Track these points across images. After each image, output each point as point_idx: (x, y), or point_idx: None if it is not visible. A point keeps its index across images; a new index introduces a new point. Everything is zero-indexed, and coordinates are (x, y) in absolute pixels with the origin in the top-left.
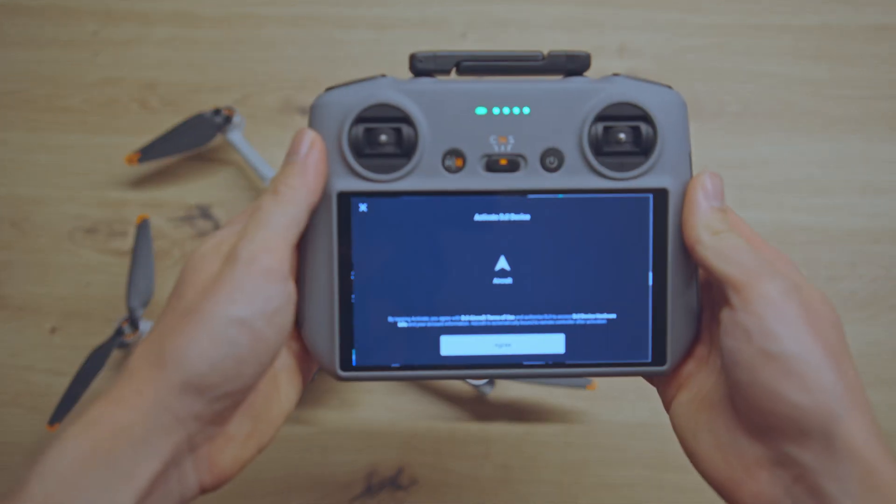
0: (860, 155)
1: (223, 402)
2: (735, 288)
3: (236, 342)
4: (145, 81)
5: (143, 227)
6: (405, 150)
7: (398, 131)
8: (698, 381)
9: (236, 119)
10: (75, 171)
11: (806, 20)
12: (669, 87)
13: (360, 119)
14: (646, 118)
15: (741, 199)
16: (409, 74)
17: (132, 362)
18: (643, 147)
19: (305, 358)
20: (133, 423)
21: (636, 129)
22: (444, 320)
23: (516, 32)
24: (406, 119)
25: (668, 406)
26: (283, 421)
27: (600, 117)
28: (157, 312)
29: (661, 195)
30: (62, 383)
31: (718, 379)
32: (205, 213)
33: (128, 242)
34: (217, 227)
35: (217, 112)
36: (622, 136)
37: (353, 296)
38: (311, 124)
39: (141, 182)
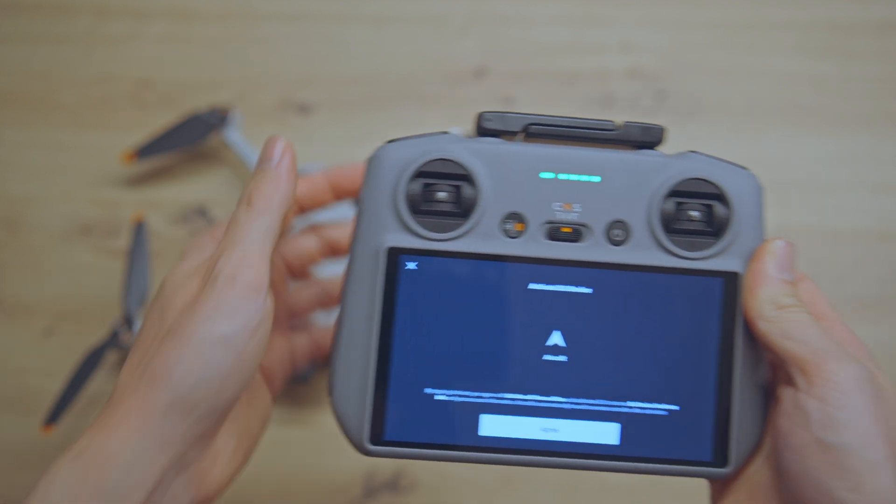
0: (867, 153)
1: (209, 419)
2: (801, 368)
3: (220, 359)
4: (140, 78)
5: (139, 227)
6: (464, 209)
7: (458, 189)
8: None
9: (233, 117)
10: (69, 169)
11: (811, 15)
12: (746, 169)
13: (419, 174)
14: (721, 198)
15: None
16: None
17: (118, 387)
18: (716, 227)
19: (270, 372)
20: (121, 449)
21: (710, 208)
22: (487, 397)
23: (517, 29)
24: (468, 177)
25: (711, 484)
26: (262, 433)
27: (673, 192)
28: None
29: (732, 279)
30: (56, 385)
31: (767, 463)
32: (201, 212)
33: (123, 242)
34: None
35: (214, 111)
36: (695, 213)
37: (391, 361)
38: (367, 175)
39: (136, 181)
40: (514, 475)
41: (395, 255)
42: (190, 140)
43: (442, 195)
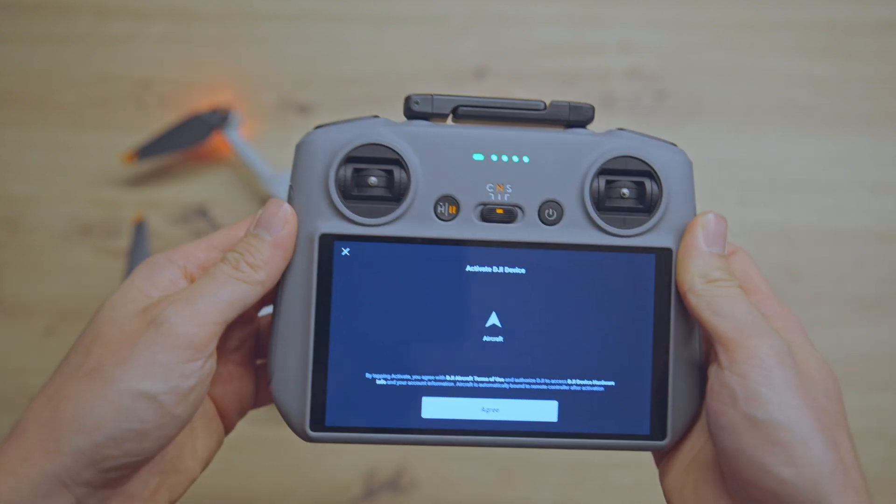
0: (867, 153)
1: (119, 471)
2: (724, 345)
3: (141, 417)
4: (141, 78)
5: (139, 227)
6: (396, 193)
7: (389, 174)
8: (691, 439)
9: (233, 117)
10: (69, 169)
11: (811, 15)
12: (674, 145)
13: (349, 159)
14: (651, 174)
15: (745, 198)
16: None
17: (24, 420)
18: (647, 204)
19: (228, 403)
20: (16, 494)
21: (640, 185)
22: (428, 379)
23: (517, 29)
24: (398, 161)
25: (657, 459)
26: (199, 471)
27: (603, 171)
28: None
29: (664, 255)
30: None
31: (710, 440)
32: (202, 212)
33: (123, 243)
34: (214, 227)
35: (214, 111)
36: (625, 191)
37: (329, 347)
38: (297, 162)
39: (136, 181)
40: (514, 475)
41: (329, 242)
42: (190, 140)
43: (373, 180)
